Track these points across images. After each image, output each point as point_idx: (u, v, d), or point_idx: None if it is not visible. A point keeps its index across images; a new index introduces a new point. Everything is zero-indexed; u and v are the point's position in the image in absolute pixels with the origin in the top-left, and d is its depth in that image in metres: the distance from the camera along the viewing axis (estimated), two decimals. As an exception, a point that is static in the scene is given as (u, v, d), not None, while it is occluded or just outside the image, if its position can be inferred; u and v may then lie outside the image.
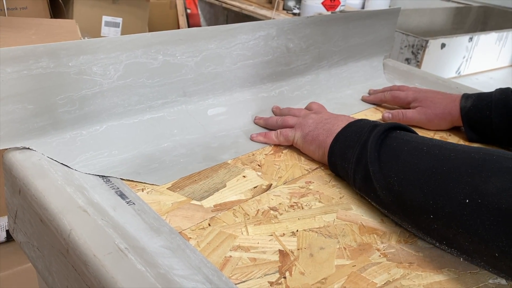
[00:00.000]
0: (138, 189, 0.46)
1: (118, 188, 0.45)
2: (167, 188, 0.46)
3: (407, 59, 1.45)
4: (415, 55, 1.42)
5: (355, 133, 0.48)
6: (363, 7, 2.24)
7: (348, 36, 0.77)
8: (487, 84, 1.47)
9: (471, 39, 1.49)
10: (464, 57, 1.54)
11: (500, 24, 1.97)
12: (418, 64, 1.42)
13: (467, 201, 0.35)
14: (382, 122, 0.49)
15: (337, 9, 2.02)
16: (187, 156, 0.52)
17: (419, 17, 1.97)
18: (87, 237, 0.35)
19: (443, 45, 1.44)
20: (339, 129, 0.51)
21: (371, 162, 0.44)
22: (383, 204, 0.43)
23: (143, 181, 0.47)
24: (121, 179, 0.47)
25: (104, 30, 1.85)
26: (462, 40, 1.48)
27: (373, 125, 0.48)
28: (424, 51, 1.39)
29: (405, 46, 1.45)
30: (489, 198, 0.34)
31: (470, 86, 0.78)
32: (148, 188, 0.46)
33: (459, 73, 1.55)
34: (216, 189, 0.47)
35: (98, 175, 0.46)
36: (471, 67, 1.57)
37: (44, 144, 0.46)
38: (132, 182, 0.47)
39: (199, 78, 0.58)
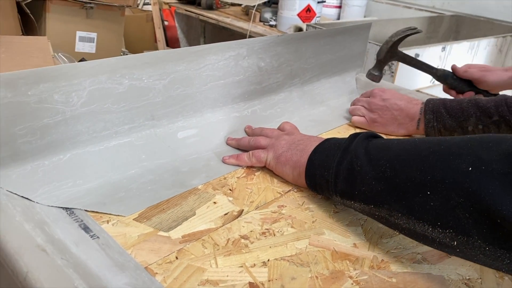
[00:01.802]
0: (103, 221, 0.44)
1: (82, 221, 0.43)
2: (133, 219, 0.45)
3: (382, 70, 1.46)
4: (390, 66, 1.44)
5: (334, 144, 0.49)
6: (338, 18, 2.26)
7: (319, 53, 0.76)
8: (461, 93, 1.49)
9: (444, 48, 1.52)
10: (437, 66, 1.56)
11: (471, 33, 2.01)
12: (393, 74, 1.43)
13: (470, 169, 0.34)
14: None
15: (313, 21, 2.03)
16: (155, 182, 0.51)
17: (393, 27, 1.99)
18: (44, 279, 0.33)
19: (416, 55, 1.45)
20: (313, 148, 0.51)
21: (358, 157, 0.43)
22: (369, 198, 0.42)
23: (108, 212, 0.45)
24: (86, 210, 0.45)
25: (79, 45, 1.82)
26: (435, 50, 1.50)
27: (353, 135, 0.48)
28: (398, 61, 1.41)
29: (380, 57, 1.46)
30: (493, 164, 0.33)
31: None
32: (113, 220, 0.44)
33: (433, 82, 1.56)
34: (185, 218, 0.46)
35: (61, 207, 0.45)
36: (445, 76, 1.59)
37: (3, 177, 0.44)
38: (97, 214, 0.45)
39: (168, 100, 0.56)
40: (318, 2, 2.02)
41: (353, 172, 0.43)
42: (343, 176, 0.44)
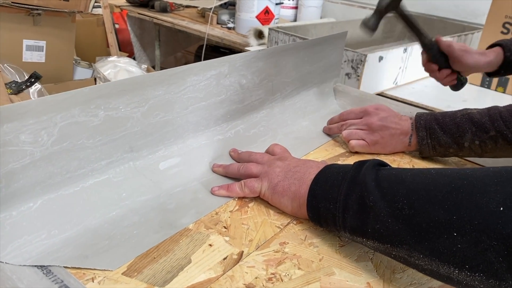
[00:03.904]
0: (87, 279, 0.38)
1: (62, 282, 0.37)
2: (122, 273, 0.39)
3: (347, 74, 1.46)
4: (355, 70, 1.43)
5: (337, 173, 0.45)
6: (295, 20, 2.25)
7: (299, 65, 0.73)
8: (423, 93, 1.51)
9: (405, 50, 1.53)
10: (400, 68, 1.58)
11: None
12: (359, 78, 1.43)
13: (501, 208, 0.32)
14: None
15: (272, 23, 2.00)
16: (141, 225, 0.45)
17: (352, 28, 1.99)
18: None
19: (380, 58, 1.46)
20: (312, 176, 0.47)
21: (370, 192, 0.40)
22: (385, 237, 0.38)
23: (92, 267, 0.39)
24: (65, 267, 0.39)
25: (26, 55, 1.69)
26: (398, 51, 1.51)
27: (358, 163, 0.44)
28: (363, 65, 1.41)
29: (345, 61, 1.45)
30: None
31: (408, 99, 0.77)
32: (99, 276, 0.39)
33: (396, 83, 1.58)
34: (180, 267, 0.41)
35: (36, 266, 0.38)
36: (406, 76, 1.62)
37: (-38, 236, 0.37)
38: (79, 270, 0.39)
39: (147, 129, 0.51)
40: (277, 4, 1.99)
41: (365, 207, 0.40)
42: (353, 211, 0.41)
